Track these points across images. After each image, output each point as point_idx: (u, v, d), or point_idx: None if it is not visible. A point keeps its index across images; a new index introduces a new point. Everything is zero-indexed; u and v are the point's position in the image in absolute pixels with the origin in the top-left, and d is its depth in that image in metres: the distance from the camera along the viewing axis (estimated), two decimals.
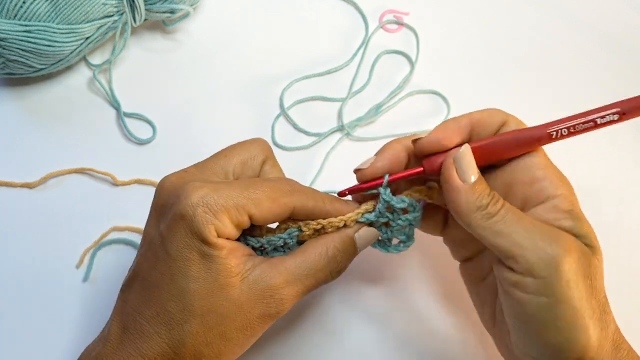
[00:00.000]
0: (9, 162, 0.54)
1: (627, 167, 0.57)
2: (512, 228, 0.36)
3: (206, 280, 0.36)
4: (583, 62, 0.61)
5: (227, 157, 0.41)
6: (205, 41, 0.61)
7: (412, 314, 0.49)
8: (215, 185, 0.37)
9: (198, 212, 0.36)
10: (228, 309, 0.37)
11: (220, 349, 0.37)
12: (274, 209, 0.38)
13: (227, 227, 0.36)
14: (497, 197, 0.37)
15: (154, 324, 0.36)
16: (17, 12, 0.51)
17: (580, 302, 0.35)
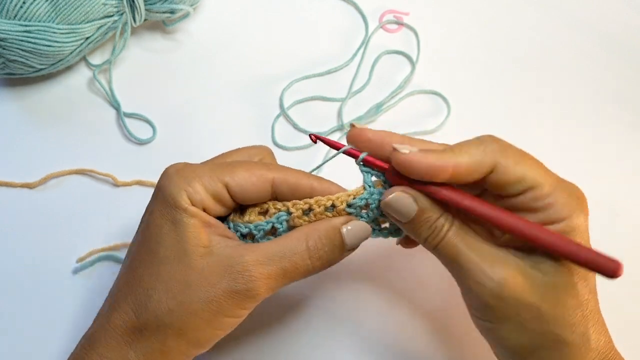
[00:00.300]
0: (9, 162, 0.54)
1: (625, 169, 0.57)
2: (451, 261, 0.37)
3: (174, 246, 0.37)
4: (583, 62, 0.61)
5: (227, 156, 0.42)
6: (205, 41, 0.61)
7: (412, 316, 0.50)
8: (195, 163, 0.39)
9: (172, 181, 0.38)
10: (191, 278, 0.36)
11: (183, 319, 0.36)
12: (251, 179, 0.38)
13: (200, 194, 0.37)
14: (438, 230, 0.37)
15: (125, 291, 0.37)
16: (17, 12, 0.51)
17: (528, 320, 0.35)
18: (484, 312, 0.36)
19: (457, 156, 0.35)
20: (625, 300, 0.49)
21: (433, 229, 0.37)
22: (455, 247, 0.37)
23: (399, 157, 0.36)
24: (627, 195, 0.56)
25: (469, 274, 0.36)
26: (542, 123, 0.58)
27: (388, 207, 0.37)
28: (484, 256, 0.36)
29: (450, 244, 0.37)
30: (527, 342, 0.36)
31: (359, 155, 0.39)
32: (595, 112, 0.59)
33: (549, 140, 0.58)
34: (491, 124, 0.58)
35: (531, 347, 0.36)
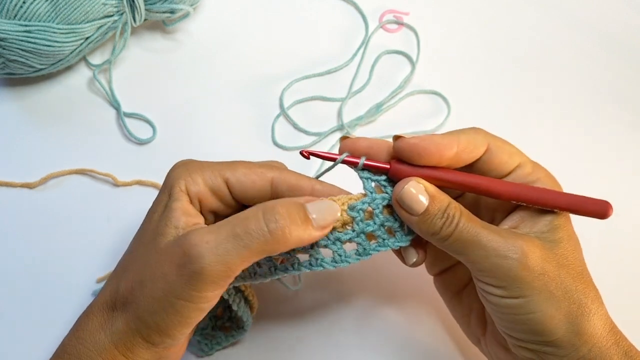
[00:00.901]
0: (9, 162, 0.54)
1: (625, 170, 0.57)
2: (467, 248, 0.37)
3: (157, 229, 0.37)
4: (583, 62, 0.61)
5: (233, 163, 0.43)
6: (205, 41, 0.61)
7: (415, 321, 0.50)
8: (201, 160, 0.40)
9: (176, 170, 0.39)
10: (150, 257, 0.36)
11: (140, 299, 0.35)
12: (251, 176, 0.39)
13: (198, 185, 0.38)
14: (451, 217, 0.37)
15: (113, 274, 0.39)
16: (17, 12, 0.51)
17: (552, 293, 0.36)
18: (512, 289, 0.36)
19: (458, 136, 0.38)
20: (626, 300, 0.49)
21: (447, 216, 0.37)
22: (472, 228, 0.37)
23: (408, 142, 0.37)
24: (627, 195, 0.56)
25: (490, 252, 0.36)
26: (542, 123, 0.58)
27: (401, 202, 0.37)
28: (500, 233, 0.37)
29: (467, 227, 0.37)
30: (555, 312, 0.36)
31: (358, 162, 0.39)
32: (595, 112, 0.59)
33: (549, 140, 0.58)
34: (491, 124, 0.57)
35: (559, 318, 0.36)
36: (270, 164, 0.41)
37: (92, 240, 0.51)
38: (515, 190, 0.38)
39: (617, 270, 0.52)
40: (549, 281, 0.36)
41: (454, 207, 0.37)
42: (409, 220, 0.38)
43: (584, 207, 0.38)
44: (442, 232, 0.37)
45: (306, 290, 0.50)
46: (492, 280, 0.37)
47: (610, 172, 0.56)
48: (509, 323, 0.38)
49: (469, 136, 0.38)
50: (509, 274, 0.36)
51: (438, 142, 0.37)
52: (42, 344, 0.48)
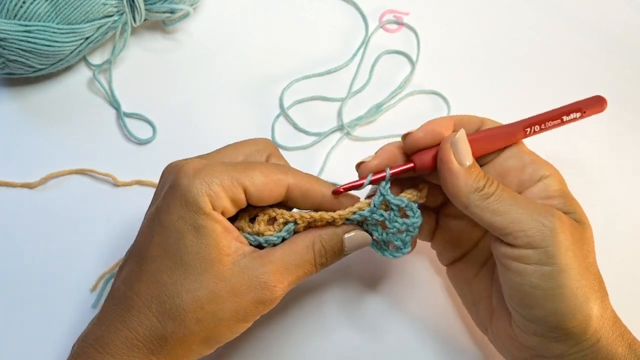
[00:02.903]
0: (9, 162, 0.54)
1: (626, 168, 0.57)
2: (509, 206, 0.38)
3: (199, 254, 0.36)
4: (583, 62, 0.61)
5: (232, 149, 0.42)
6: (205, 41, 0.61)
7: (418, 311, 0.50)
8: (211, 161, 0.39)
9: (193, 182, 0.37)
10: (221, 288, 0.37)
11: (210, 329, 0.37)
12: (269, 184, 0.38)
13: (222, 199, 0.37)
14: (492, 179, 0.39)
15: (144, 297, 0.36)
16: (17, 12, 0.51)
17: (580, 271, 0.37)
18: (544, 253, 0.37)
19: (451, 115, 0.42)
20: (626, 299, 0.49)
21: (488, 176, 0.39)
22: (511, 190, 0.39)
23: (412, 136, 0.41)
24: (628, 195, 0.56)
25: (531, 212, 0.37)
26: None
27: (455, 146, 0.39)
28: (536, 200, 0.39)
29: (508, 189, 0.39)
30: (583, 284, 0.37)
31: (384, 176, 0.41)
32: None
33: (549, 140, 0.57)
34: None
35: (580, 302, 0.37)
36: (281, 167, 0.40)
37: (92, 240, 0.51)
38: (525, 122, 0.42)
39: (617, 271, 0.52)
40: (578, 259, 0.37)
41: (490, 175, 0.40)
42: (455, 172, 0.39)
43: (582, 108, 0.43)
44: (485, 188, 0.38)
45: (310, 290, 0.50)
46: (528, 241, 0.37)
47: (611, 172, 0.56)
48: (531, 300, 0.38)
49: (462, 115, 0.43)
50: (550, 234, 0.37)
51: (438, 122, 0.41)
52: (42, 344, 0.48)
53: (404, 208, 0.41)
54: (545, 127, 0.43)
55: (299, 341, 0.48)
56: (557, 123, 0.43)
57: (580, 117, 0.43)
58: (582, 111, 0.43)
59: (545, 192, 0.40)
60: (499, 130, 0.41)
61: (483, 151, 0.41)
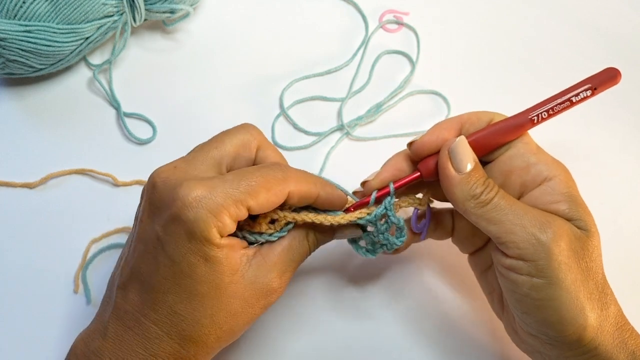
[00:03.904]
0: (9, 162, 0.54)
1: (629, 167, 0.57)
2: (504, 215, 0.38)
3: (213, 281, 0.36)
4: (584, 62, 0.61)
5: (219, 149, 0.40)
6: (205, 41, 0.61)
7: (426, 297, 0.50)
8: (210, 183, 0.36)
9: (199, 215, 0.35)
10: (236, 306, 0.37)
11: (227, 340, 0.39)
12: (271, 198, 0.38)
13: (228, 226, 0.36)
14: (491, 186, 0.39)
15: (162, 325, 0.37)
16: (17, 12, 0.51)
17: (574, 283, 0.36)
18: (538, 266, 0.36)
19: (461, 115, 0.42)
20: (626, 300, 0.48)
21: (487, 183, 0.39)
22: (511, 199, 0.38)
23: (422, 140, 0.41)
24: (628, 195, 0.56)
25: (527, 223, 0.37)
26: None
27: (453, 153, 0.39)
28: (535, 209, 0.38)
29: (506, 196, 0.38)
30: (570, 306, 0.36)
31: (387, 191, 0.41)
32: (596, 111, 0.59)
33: (550, 140, 0.57)
34: None
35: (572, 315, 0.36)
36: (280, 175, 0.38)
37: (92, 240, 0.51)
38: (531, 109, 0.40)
39: (618, 271, 0.52)
40: (572, 271, 0.37)
41: (492, 180, 0.39)
42: (452, 179, 0.39)
43: (592, 84, 0.40)
44: (482, 196, 0.38)
45: (316, 286, 0.50)
46: (519, 253, 0.37)
47: (612, 172, 0.56)
48: (523, 306, 0.38)
49: (470, 112, 0.42)
50: (542, 247, 0.36)
51: (444, 126, 0.41)
52: (42, 344, 0.48)
53: (397, 226, 0.42)
54: (554, 112, 0.40)
55: (296, 338, 0.48)
56: (567, 106, 0.40)
57: (591, 94, 0.40)
58: (593, 88, 0.40)
59: (549, 195, 0.39)
60: (504, 123, 0.40)
61: (490, 148, 0.41)
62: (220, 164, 0.40)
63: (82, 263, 0.50)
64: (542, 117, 0.40)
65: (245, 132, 0.41)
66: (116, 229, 0.52)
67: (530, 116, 0.40)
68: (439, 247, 0.51)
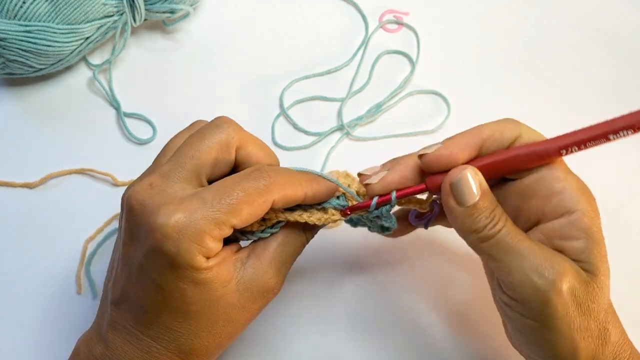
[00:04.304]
0: (9, 162, 0.54)
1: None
2: (505, 255, 0.35)
3: (205, 299, 0.36)
4: (584, 61, 0.61)
5: (195, 159, 0.37)
6: (205, 41, 0.61)
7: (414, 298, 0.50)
8: (189, 207, 0.34)
9: (181, 246, 0.34)
10: (233, 314, 0.37)
11: (227, 343, 0.39)
12: (254, 212, 0.36)
13: (213, 248, 0.35)
14: (497, 219, 0.36)
15: (160, 341, 0.36)
16: (17, 12, 0.51)
17: (569, 327, 0.35)
18: (534, 310, 0.35)
19: (481, 129, 0.38)
20: (626, 301, 0.49)
21: (493, 216, 0.36)
22: (515, 235, 0.36)
23: (434, 155, 0.37)
24: (628, 196, 0.55)
25: (527, 265, 0.35)
26: (543, 123, 0.58)
27: (455, 187, 0.36)
28: (541, 247, 0.36)
29: (511, 233, 0.36)
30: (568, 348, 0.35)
31: (389, 199, 0.39)
32: (597, 111, 0.59)
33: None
34: None
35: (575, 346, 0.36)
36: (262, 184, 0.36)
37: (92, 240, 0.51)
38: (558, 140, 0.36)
39: (617, 272, 0.52)
40: (568, 316, 0.35)
41: (501, 210, 0.36)
42: (453, 211, 0.37)
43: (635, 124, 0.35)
44: (484, 231, 0.36)
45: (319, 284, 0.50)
46: (517, 295, 0.36)
47: (611, 172, 0.56)
48: (520, 339, 0.38)
49: (493, 125, 0.38)
50: (538, 294, 0.34)
51: (460, 144, 0.37)
52: (42, 344, 0.48)
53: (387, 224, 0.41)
54: (586, 147, 0.36)
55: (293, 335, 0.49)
56: (601, 142, 0.36)
57: (632, 133, 0.35)
58: (635, 127, 0.35)
59: (567, 230, 0.36)
60: (528, 150, 0.37)
61: (508, 172, 0.38)
62: (199, 175, 0.37)
63: (81, 263, 0.50)
64: (571, 151, 0.37)
65: (221, 132, 0.38)
66: (105, 222, 0.51)
67: (560, 147, 0.37)
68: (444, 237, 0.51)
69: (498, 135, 0.38)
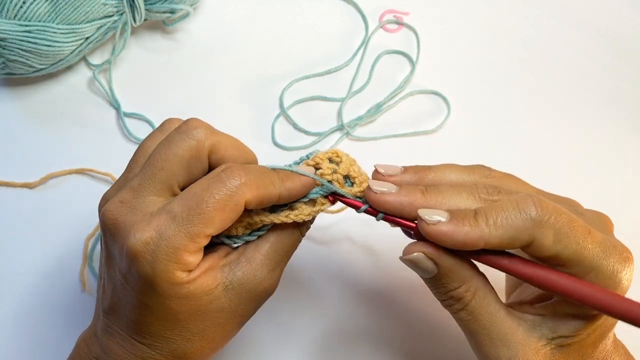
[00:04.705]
0: (9, 162, 0.54)
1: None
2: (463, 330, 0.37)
3: (192, 308, 0.35)
4: (584, 62, 0.61)
5: (165, 169, 0.35)
6: (205, 41, 0.61)
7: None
8: (159, 224, 0.33)
9: (156, 266, 0.33)
10: (224, 318, 0.37)
11: (222, 345, 0.39)
12: (227, 216, 0.34)
13: (192, 262, 0.34)
14: (454, 300, 0.36)
15: (153, 347, 0.36)
16: (17, 12, 0.51)
17: None
18: None
19: (491, 230, 0.33)
20: None
21: (450, 295, 0.36)
22: (471, 322, 0.36)
23: (427, 229, 0.34)
24: (628, 196, 0.55)
25: (481, 348, 0.36)
26: (543, 123, 0.58)
27: (407, 264, 0.36)
28: (499, 334, 0.36)
29: (466, 318, 0.36)
30: None
31: (375, 215, 0.38)
32: (596, 112, 0.59)
33: (549, 140, 0.58)
34: (491, 124, 0.58)
35: None
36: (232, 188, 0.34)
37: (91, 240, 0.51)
38: (556, 285, 0.33)
39: None
40: None
41: (464, 289, 0.36)
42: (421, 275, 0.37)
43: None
44: (448, 301, 0.36)
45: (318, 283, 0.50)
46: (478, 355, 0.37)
47: (611, 172, 0.56)
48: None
49: (505, 231, 0.33)
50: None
51: (460, 240, 0.34)
52: (42, 344, 0.48)
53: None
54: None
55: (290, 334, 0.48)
56: None
57: None
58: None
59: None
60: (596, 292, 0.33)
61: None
62: (171, 186, 0.36)
63: (84, 261, 0.50)
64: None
65: (190, 139, 0.36)
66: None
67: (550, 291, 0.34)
68: None
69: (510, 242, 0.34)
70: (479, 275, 0.36)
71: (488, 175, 0.38)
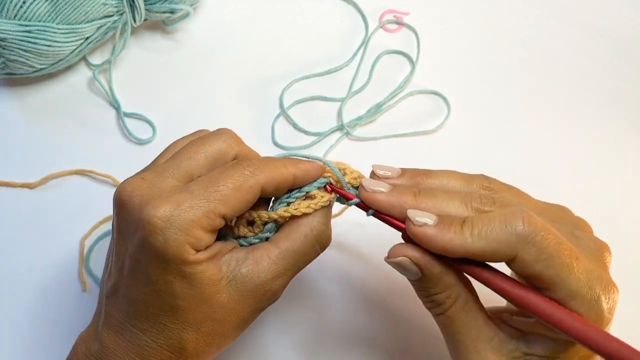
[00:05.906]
0: (9, 162, 0.54)
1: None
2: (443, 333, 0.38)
3: (192, 295, 0.36)
4: (584, 62, 0.61)
5: (192, 159, 0.38)
6: (205, 41, 0.61)
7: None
8: (176, 198, 0.35)
9: (168, 237, 0.34)
10: (222, 314, 0.37)
11: (220, 346, 0.38)
12: (243, 198, 0.36)
13: (203, 239, 0.35)
14: (437, 303, 0.37)
15: (150, 334, 0.36)
16: (17, 12, 0.51)
17: None
18: None
19: (474, 240, 0.33)
20: (625, 303, 0.48)
21: (432, 299, 0.37)
22: (448, 326, 0.37)
23: (413, 230, 0.35)
24: (627, 196, 0.55)
25: (454, 352, 0.37)
26: (542, 123, 0.58)
27: (392, 265, 0.37)
28: (473, 340, 0.36)
29: (444, 322, 0.37)
30: None
31: (366, 210, 0.39)
32: (596, 112, 0.59)
33: (550, 140, 0.58)
34: (491, 124, 0.58)
35: None
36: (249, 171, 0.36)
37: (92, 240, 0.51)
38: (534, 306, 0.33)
39: (616, 273, 0.52)
40: None
41: (446, 295, 0.36)
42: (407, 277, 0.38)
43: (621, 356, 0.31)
44: (430, 305, 0.37)
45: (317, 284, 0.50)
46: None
47: (611, 172, 0.56)
48: None
49: (488, 243, 0.33)
50: None
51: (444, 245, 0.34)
52: (43, 344, 0.48)
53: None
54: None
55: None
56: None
57: None
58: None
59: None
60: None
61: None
62: (192, 176, 0.37)
63: (81, 261, 0.50)
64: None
65: (222, 142, 0.39)
66: (100, 220, 0.52)
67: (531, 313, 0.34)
68: None
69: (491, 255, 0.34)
70: (462, 282, 0.37)
71: (487, 187, 0.38)
